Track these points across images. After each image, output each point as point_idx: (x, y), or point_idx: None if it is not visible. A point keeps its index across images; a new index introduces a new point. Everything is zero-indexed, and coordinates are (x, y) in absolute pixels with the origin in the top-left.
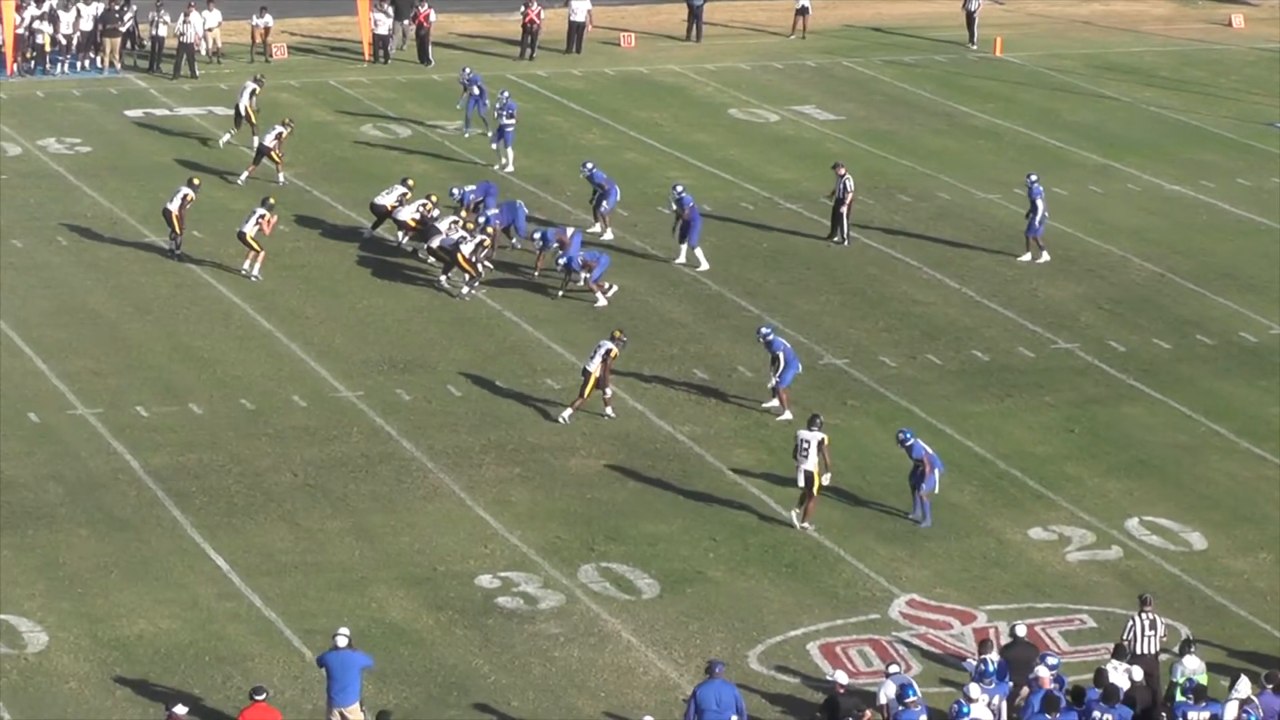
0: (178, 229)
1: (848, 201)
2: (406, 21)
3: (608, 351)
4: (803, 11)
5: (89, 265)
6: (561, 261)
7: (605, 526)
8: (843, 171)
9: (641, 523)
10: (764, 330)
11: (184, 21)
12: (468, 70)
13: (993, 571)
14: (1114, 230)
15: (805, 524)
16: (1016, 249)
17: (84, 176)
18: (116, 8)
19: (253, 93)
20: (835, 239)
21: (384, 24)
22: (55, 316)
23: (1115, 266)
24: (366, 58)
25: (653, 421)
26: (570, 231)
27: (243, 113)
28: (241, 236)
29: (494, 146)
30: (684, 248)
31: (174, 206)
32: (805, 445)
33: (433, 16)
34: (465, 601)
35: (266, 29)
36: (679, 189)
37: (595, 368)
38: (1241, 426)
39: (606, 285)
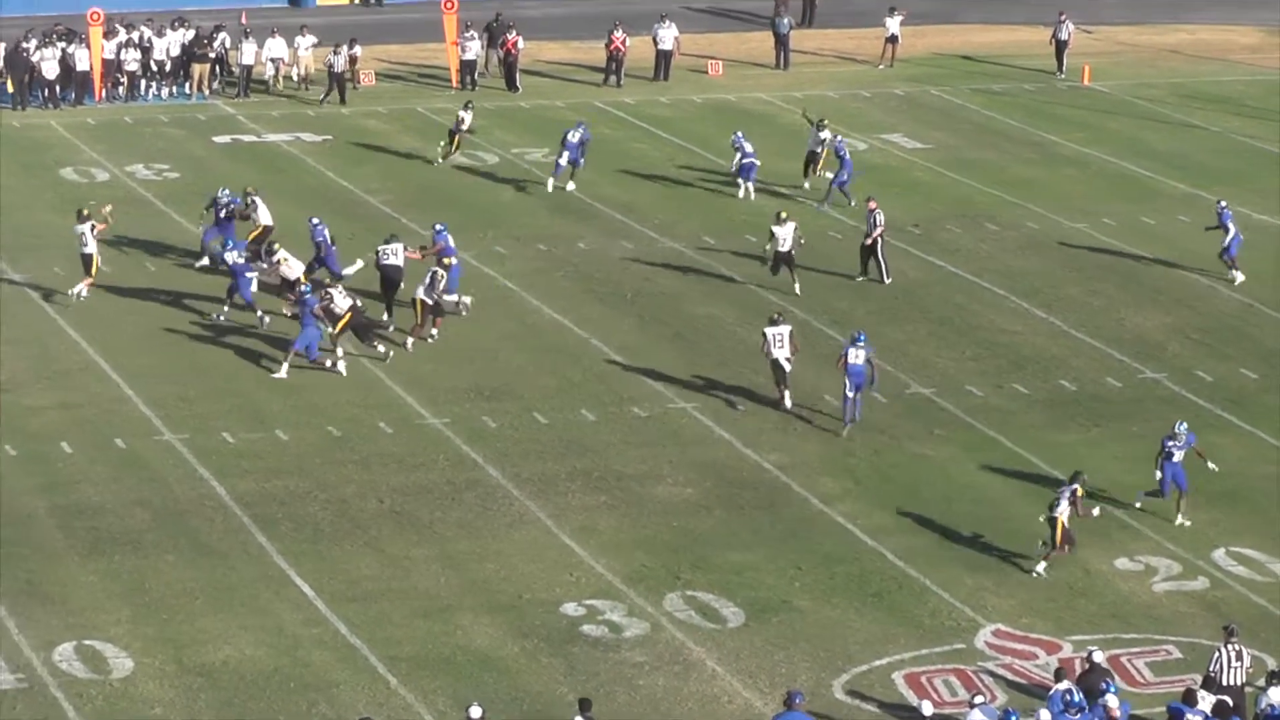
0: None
1: (875, 236)
2: (495, 49)
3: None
4: (892, 40)
5: (176, 291)
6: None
7: (691, 555)
8: (873, 206)
9: (727, 551)
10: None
11: (291, 50)
12: (740, 134)
13: (1079, 601)
14: (1201, 260)
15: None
16: (1104, 277)
17: (172, 202)
18: (205, 35)
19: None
20: (864, 277)
21: (471, 50)
22: (142, 342)
23: (1203, 296)
24: (454, 85)
25: (739, 450)
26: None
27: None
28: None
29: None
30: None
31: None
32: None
33: (520, 44)
34: (550, 629)
35: (354, 57)
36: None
37: None
38: None
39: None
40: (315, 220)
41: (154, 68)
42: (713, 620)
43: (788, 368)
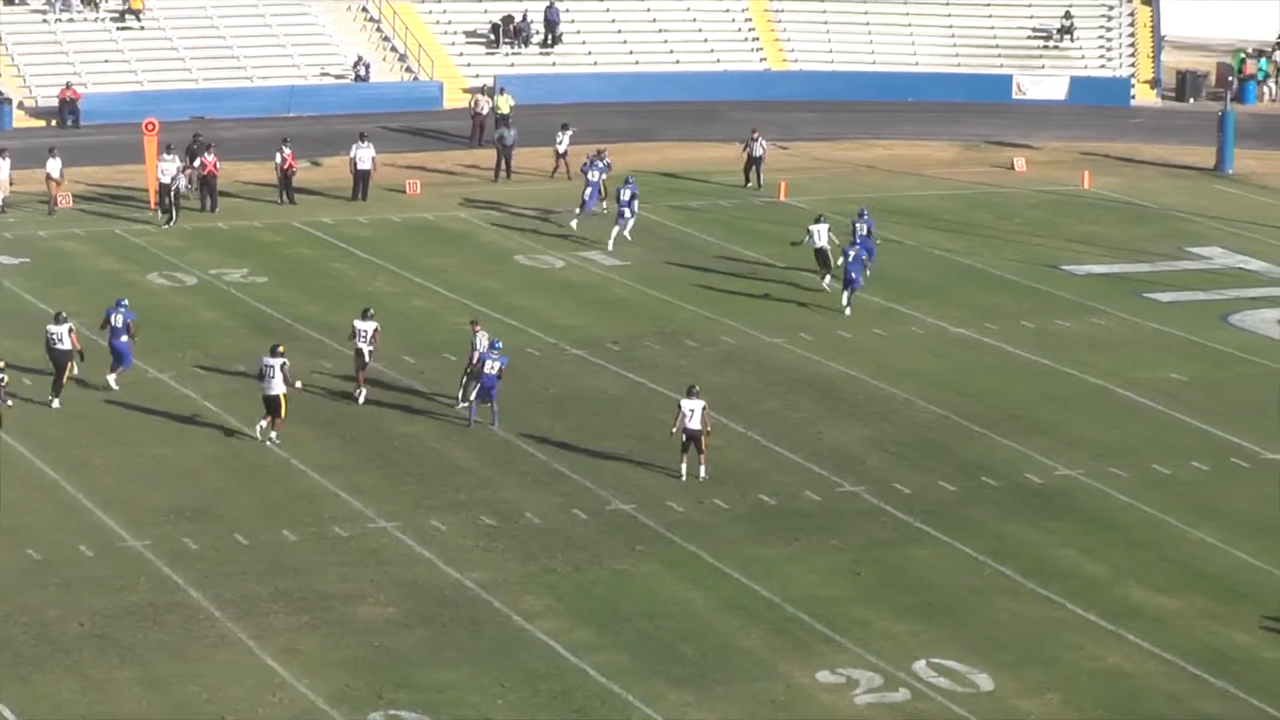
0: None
1: (475, 361)
2: (193, 169)
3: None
4: (563, 155)
5: None
6: None
7: (394, 674)
8: (478, 328)
9: (430, 670)
10: None
11: None
12: (631, 179)
13: (781, 715)
14: (899, 373)
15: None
16: (802, 391)
17: None
18: None
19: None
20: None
21: (170, 172)
22: None
23: (900, 409)
24: (152, 206)
25: (440, 568)
26: None
27: None
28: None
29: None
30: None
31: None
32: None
33: (219, 165)
34: None
35: (60, 173)
36: None
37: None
38: (1028, 568)
39: None
40: None
41: None
42: None
43: (369, 360)
